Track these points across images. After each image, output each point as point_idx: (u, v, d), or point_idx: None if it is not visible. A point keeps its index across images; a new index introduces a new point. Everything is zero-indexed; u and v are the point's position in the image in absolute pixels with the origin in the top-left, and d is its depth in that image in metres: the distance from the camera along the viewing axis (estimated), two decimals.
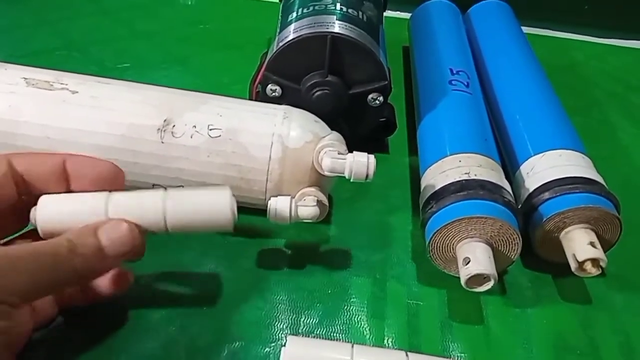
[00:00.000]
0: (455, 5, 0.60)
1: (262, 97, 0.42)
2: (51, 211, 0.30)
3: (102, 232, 0.29)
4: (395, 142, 0.49)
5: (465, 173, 0.37)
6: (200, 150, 0.36)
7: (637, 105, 0.59)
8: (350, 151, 0.36)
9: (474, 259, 0.33)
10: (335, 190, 0.42)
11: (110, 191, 0.31)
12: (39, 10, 0.63)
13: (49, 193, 0.31)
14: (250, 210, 0.37)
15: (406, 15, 0.63)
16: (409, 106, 0.54)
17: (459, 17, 0.59)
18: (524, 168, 0.40)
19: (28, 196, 0.31)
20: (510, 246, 0.35)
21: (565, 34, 0.71)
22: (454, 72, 0.46)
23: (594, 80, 0.63)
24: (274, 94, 0.42)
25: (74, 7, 0.64)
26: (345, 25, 0.40)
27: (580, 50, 0.68)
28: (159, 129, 0.36)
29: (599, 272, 0.35)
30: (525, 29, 0.62)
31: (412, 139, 0.47)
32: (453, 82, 0.46)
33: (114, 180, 0.33)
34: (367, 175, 0.34)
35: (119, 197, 0.31)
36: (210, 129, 0.36)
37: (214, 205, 0.31)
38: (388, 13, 0.68)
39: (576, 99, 0.59)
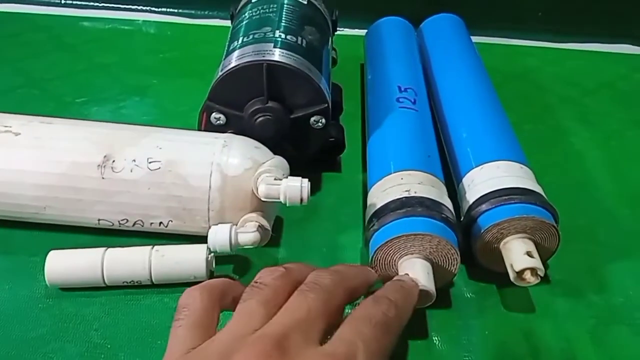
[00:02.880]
0: (407, 22, 0.61)
1: (208, 126, 0.43)
2: (58, 265, 0.36)
3: None
4: (348, 160, 0.50)
5: (406, 191, 0.37)
6: (140, 183, 0.36)
7: (591, 109, 0.60)
8: (300, 173, 0.37)
9: (413, 275, 0.34)
10: (286, 211, 0.43)
11: (106, 249, 0.37)
12: (1, 49, 0.64)
13: None
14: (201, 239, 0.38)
15: (363, 32, 0.64)
16: (365, 123, 0.54)
17: (411, 33, 0.60)
18: (466, 181, 0.41)
19: None
20: (450, 261, 0.36)
21: (521, 41, 0.72)
22: (402, 89, 0.47)
23: (549, 85, 0.64)
24: (218, 122, 0.42)
25: (34, 44, 0.65)
26: (284, 53, 0.41)
27: (536, 56, 0.69)
28: (99, 165, 0.36)
29: (538, 280, 0.35)
30: (480, 39, 0.64)
31: (366, 155, 0.48)
32: (400, 99, 0.46)
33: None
34: (301, 200, 0.35)
35: (112, 253, 0.36)
36: (150, 162, 0.37)
37: (191, 262, 0.37)
38: (345, 31, 0.70)
39: (530, 105, 0.60)
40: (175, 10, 0.74)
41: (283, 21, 0.45)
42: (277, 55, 0.41)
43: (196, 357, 0.24)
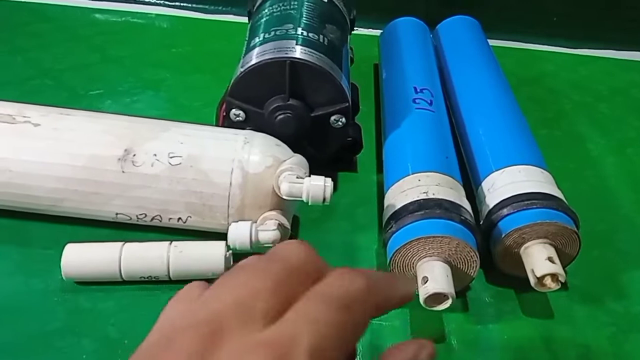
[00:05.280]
0: (423, 22, 0.60)
1: (227, 121, 0.43)
2: (74, 258, 0.36)
3: None
4: (364, 160, 0.50)
5: (424, 192, 0.37)
6: (160, 178, 0.36)
7: (606, 115, 0.60)
8: (317, 172, 0.36)
9: (432, 278, 0.34)
10: (303, 210, 0.43)
11: (123, 243, 0.36)
12: (11, 39, 0.63)
13: None
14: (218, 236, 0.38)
15: (378, 32, 0.64)
16: (379, 123, 0.54)
17: (427, 34, 0.59)
18: (485, 184, 0.41)
19: None
20: (469, 264, 0.36)
21: (536, 45, 0.72)
22: (418, 90, 0.47)
23: (564, 91, 0.63)
24: (238, 118, 0.42)
25: (46, 35, 0.65)
26: (305, 50, 0.41)
27: (551, 62, 0.69)
28: (119, 159, 0.36)
29: (559, 286, 0.35)
30: (495, 42, 0.63)
31: (381, 156, 0.48)
32: (417, 100, 0.46)
33: None
34: (324, 199, 0.35)
35: (130, 248, 0.36)
36: (171, 157, 0.36)
37: (210, 259, 0.36)
38: (360, 30, 0.69)
39: (546, 110, 0.60)
40: (189, 5, 0.73)
41: (304, 18, 0.44)
42: (299, 52, 0.41)
43: (152, 343, 0.21)
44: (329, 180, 0.35)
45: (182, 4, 0.73)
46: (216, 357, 0.19)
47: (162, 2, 0.73)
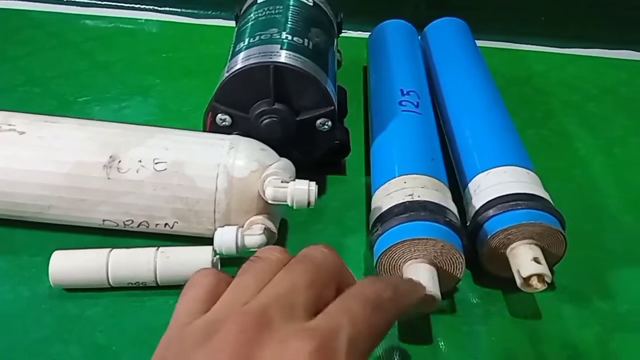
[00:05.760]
0: (411, 25, 0.61)
1: (213, 126, 0.43)
2: (62, 265, 0.36)
3: None
4: (352, 162, 0.50)
5: (409, 195, 0.37)
6: (146, 184, 0.36)
7: (594, 114, 0.60)
8: (305, 175, 0.37)
9: (417, 280, 0.34)
10: (291, 214, 0.43)
11: (111, 249, 0.36)
12: (1, 47, 0.63)
13: None
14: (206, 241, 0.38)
15: (367, 34, 0.64)
16: (368, 126, 0.54)
17: (414, 36, 0.60)
18: (472, 185, 0.41)
19: None
20: (455, 265, 0.36)
21: (525, 45, 0.72)
22: (405, 92, 0.47)
23: (552, 90, 0.64)
24: (224, 123, 0.42)
25: (36, 42, 0.65)
26: (290, 54, 0.41)
27: (540, 61, 0.69)
28: (104, 166, 0.36)
29: (545, 287, 0.35)
30: (484, 43, 0.64)
31: (370, 159, 0.48)
32: (403, 102, 0.46)
33: None
34: (308, 203, 0.35)
35: (117, 254, 0.36)
36: (156, 163, 0.36)
37: (197, 264, 0.36)
38: (349, 33, 0.70)
39: (534, 110, 0.60)
40: (179, 10, 0.73)
41: (289, 22, 0.45)
42: (283, 57, 0.41)
43: (188, 330, 0.24)
44: (313, 184, 0.35)
45: (171, 9, 0.73)
46: (265, 342, 0.21)
47: (151, 7, 0.73)
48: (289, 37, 0.43)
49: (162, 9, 0.73)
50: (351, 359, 0.22)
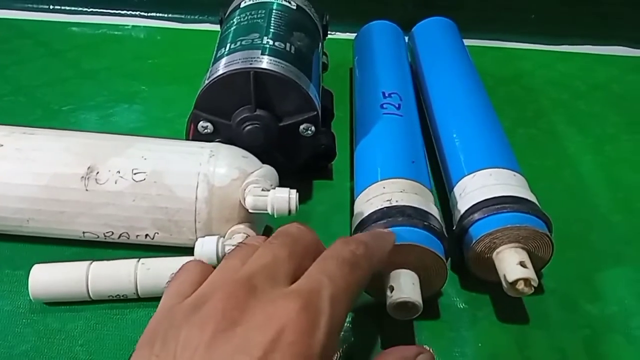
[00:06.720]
0: (397, 26, 0.60)
1: (195, 134, 0.42)
2: (42, 279, 0.35)
3: None
4: (339, 166, 0.49)
5: (387, 200, 0.37)
6: (125, 195, 0.36)
7: (583, 112, 0.60)
8: (291, 181, 0.36)
9: (397, 287, 0.33)
10: (277, 220, 0.42)
11: (91, 262, 0.36)
12: None
13: None
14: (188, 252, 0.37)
15: (354, 36, 0.63)
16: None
17: (400, 36, 0.59)
18: (457, 189, 0.41)
19: None
20: (436, 270, 0.35)
21: (514, 43, 0.72)
22: (386, 95, 0.47)
23: (542, 89, 0.63)
24: (206, 130, 0.42)
25: (21, 51, 0.64)
26: (272, 60, 0.41)
27: (529, 59, 0.69)
28: (82, 177, 0.36)
29: (532, 291, 0.35)
30: (473, 42, 0.63)
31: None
32: (384, 105, 0.46)
33: None
34: (289, 211, 0.34)
35: (97, 266, 0.36)
36: (135, 173, 0.36)
37: None
38: (337, 35, 0.69)
39: (523, 109, 0.59)
40: (165, 15, 0.73)
41: (271, 27, 0.44)
42: (265, 62, 0.40)
43: (178, 307, 0.25)
44: (293, 192, 0.35)
45: (158, 14, 0.73)
46: (252, 305, 0.23)
47: (138, 13, 0.73)
48: (271, 42, 0.42)
49: (149, 14, 0.73)
50: (334, 314, 0.24)
